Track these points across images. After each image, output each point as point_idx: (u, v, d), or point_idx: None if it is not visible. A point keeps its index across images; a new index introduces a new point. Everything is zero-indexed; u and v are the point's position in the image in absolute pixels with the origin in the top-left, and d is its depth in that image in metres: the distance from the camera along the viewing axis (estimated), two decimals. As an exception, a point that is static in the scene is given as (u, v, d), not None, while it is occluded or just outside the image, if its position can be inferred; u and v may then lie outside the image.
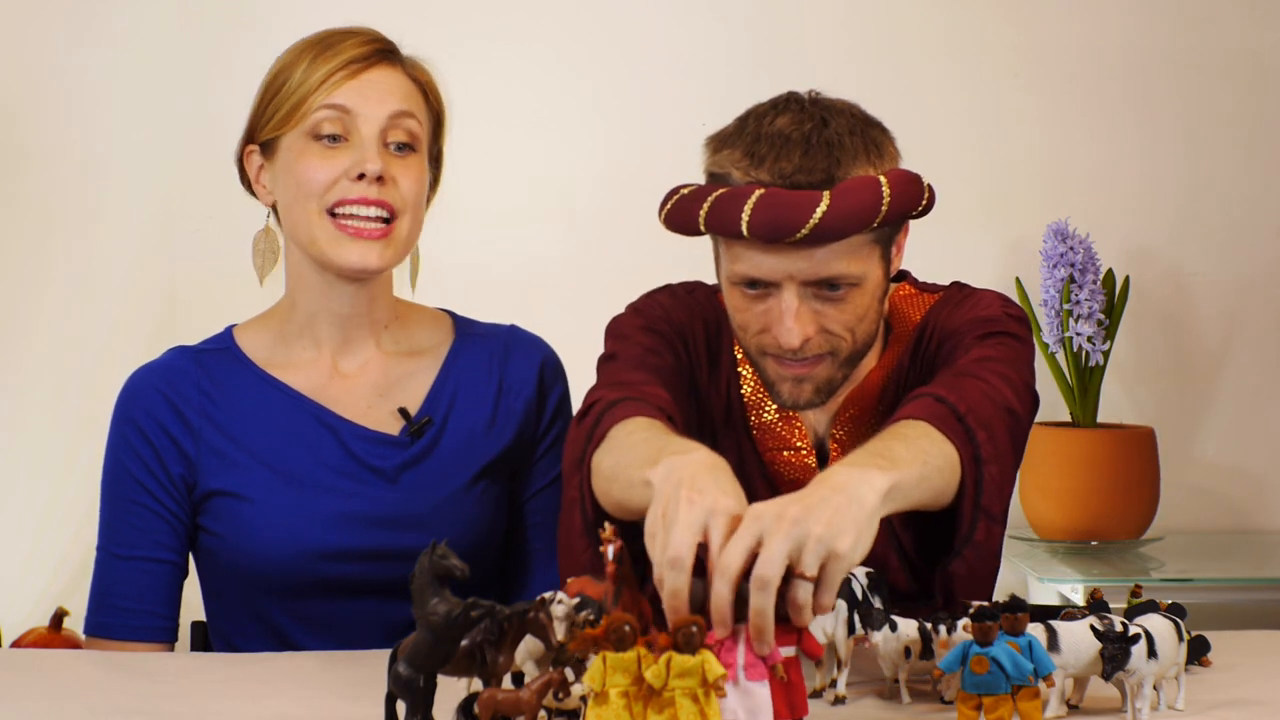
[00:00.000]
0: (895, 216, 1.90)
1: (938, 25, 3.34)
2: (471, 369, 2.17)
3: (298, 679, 1.80)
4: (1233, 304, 3.41)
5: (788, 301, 1.90)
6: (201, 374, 2.12)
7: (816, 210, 1.84)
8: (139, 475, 2.11)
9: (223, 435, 2.10)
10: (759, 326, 1.94)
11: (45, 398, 3.21)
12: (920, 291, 2.10)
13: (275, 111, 2.07)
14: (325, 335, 2.13)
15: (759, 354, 1.96)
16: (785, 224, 1.84)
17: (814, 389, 1.95)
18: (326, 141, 2.05)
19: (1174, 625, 1.61)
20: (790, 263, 1.87)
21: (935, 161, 3.32)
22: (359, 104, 2.05)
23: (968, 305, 2.03)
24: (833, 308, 1.91)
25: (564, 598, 1.54)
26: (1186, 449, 3.36)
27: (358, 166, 2.03)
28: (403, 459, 2.10)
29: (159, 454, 2.10)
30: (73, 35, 3.23)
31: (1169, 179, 3.40)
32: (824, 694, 1.66)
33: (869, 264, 1.91)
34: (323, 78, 2.05)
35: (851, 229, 1.86)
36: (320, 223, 2.05)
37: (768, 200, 1.85)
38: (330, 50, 2.07)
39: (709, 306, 2.08)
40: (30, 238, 3.22)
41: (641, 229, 3.30)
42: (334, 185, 2.04)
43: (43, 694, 1.74)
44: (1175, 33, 3.39)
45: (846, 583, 1.65)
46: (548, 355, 2.22)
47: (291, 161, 2.06)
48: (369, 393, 2.13)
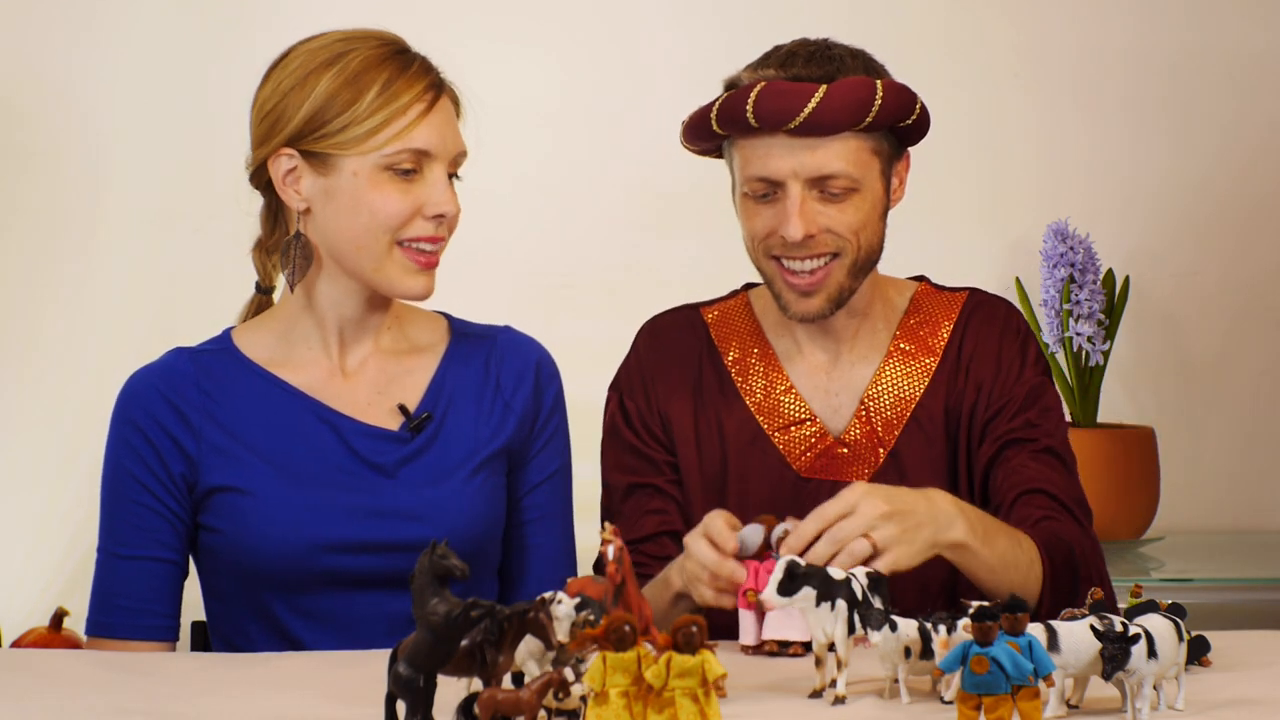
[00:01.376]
0: (887, 118, 2.12)
1: (938, 25, 3.34)
2: (468, 367, 2.18)
3: (298, 679, 1.80)
4: (1233, 304, 3.41)
5: (792, 197, 2.11)
6: (201, 373, 2.13)
7: (813, 98, 2.08)
8: (139, 475, 2.11)
9: (224, 432, 2.10)
10: (767, 230, 2.14)
11: (45, 398, 3.21)
12: (939, 290, 2.29)
13: (339, 130, 2.05)
14: (332, 337, 2.14)
15: (769, 260, 2.16)
16: (785, 111, 2.08)
17: (825, 298, 2.15)
18: (400, 175, 2.06)
19: (1174, 625, 1.61)
20: (794, 157, 2.10)
21: (935, 161, 3.32)
22: (436, 146, 2.06)
23: (1030, 365, 2.23)
24: (835, 208, 2.12)
25: (564, 598, 1.54)
26: (1186, 449, 3.36)
27: (434, 208, 2.06)
28: (402, 454, 2.11)
29: (159, 453, 2.10)
30: (75, 36, 3.23)
31: (1169, 179, 3.40)
32: (824, 694, 1.66)
33: (867, 171, 2.13)
34: (398, 113, 2.04)
35: (845, 120, 2.09)
36: (392, 253, 2.07)
37: (770, 89, 2.11)
38: (403, 79, 2.06)
39: (687, 331, 2.26)
40: (31, 238, 3.22)
41: (641, 229, 3.32)
42: (410, 222, 2.06)
43: (43, 694, 1.73)
44: (1176, 33, 3.39)
45: (846, 583, 1.65)
46: (542, 354, 2.23)
47: (361, 189, 2.06)
48: (368, 390, 2.14)
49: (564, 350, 2.28)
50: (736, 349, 2.26)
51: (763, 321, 2.28)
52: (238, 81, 3.24)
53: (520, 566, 2.21)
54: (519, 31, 3.28)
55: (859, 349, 2.24)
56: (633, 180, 3.32)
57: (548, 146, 3.27)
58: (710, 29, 2.20)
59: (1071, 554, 2.09)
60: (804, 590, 1.63)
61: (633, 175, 3.31)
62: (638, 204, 3.32)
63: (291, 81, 2.08)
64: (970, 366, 2.22)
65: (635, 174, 3.31)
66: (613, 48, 3.31)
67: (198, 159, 3.21)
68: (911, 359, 2.23)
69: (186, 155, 3.22)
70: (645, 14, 3.32)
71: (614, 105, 3.31)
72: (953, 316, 2.25)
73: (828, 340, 2.23)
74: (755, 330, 2.28)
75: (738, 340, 2.27)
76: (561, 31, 3.31)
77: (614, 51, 3.31)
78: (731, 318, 2.30)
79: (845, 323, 2.23)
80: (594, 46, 3.32)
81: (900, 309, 2.27)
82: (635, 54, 3.29)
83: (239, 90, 3.02)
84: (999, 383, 2.21)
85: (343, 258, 2.09)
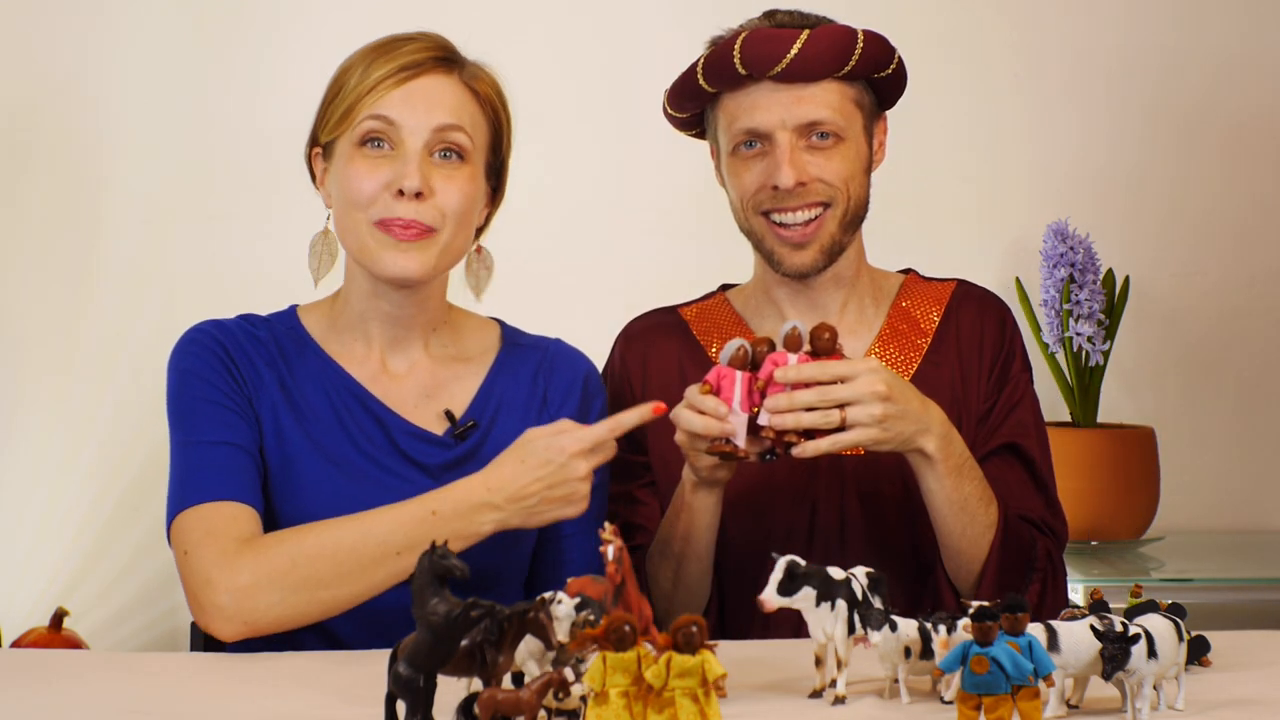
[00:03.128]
0: (868, 65, 2.20)
1: (938, 25, 3.34)
2: (516, 378, 2.18)
3: (298, 679, 1.80)
4: (1233, 304, 3.41)
5: (781, 146, 2.17)
6: (270, 337, 2.13)
7: (796, 42, 2.15)
8: (215, 380, 2.06)
9: (282, 397, 2.09)
10: (757, 184, 2.20)
11: (45, 398, 3.21)
12: (927, 280, 2.34)
13: (332, 115, 2.08)
14: (375, 333, 2.14)
15: (759, 217, 2.21)
16: (770, 56, 2.16)
17: (818, 249, 2.21)
18: (370, 148, 2.06)
19: (1174, 625, 1.61)
20: (781, 107, 2.17)
21: (935, 161, 3.35)
22: (404, 115, 2.05)
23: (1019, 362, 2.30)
24: (822, 157, 2.19)
25: (564, 598, 1.54)
26: (1186, 449, 3.36)
27: (397, 181, 2.04)
28: (446, 459, 2.11)
29: (234, 369, 2.07)
30: (77, 36, 3.23)
31: (1169, 179, 3.40)
32: (824, 694, 1.67)
33: (851, 122, 2.21)
34: (373, 84, 2.05)
35: (829, 65, 2.17)
36: (369, 230, 2.06)
37: (755, 35, 2.18)
38: (386, 56, 2.07)
39: (665, 331, 2.32)
40: (32, 237, 3.22)
41: (640, 229, 3.32)
42: (377, 199, 2.05)
43: (43, 694, 1.74)
44: (1175, 34, 3.39)
45: (846, 583, 1.65)
46: (590, 370, 2.23)
47: (342, 168, 2.07)
48: (416, 393, 2.14)
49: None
50: (719, 341, 2.27)
51: (744, 313, 2.30)
52: (238, 82, 3.27)
53: (550, 581, 2.18)
54: (518, 31, 3.28)
55: (847, 321, 2.27)
56: (629, 184, 3.32)
57: (546, 147, 3.27)
58: (712, 31, 2.20)
59: (1033, 546, 2.16)
60: (804, 590, 1.63)
61: (629, 179, 3.31)
62: (634, 207, 3.32)
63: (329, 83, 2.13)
64: (962, 354, 2.26)
65: (632, 178, 3.31)
66: (613, 51, 3.31)
67: (199, 158, 3.22)
68: (905, 338, 2.27)
69: (188, 155, 3.22)
70: (645, 15, 3.32)
71: (613, 105, 3.31)
72: (943, 302, 2.30)
73: (815, 314, 2.24)
74: (737, 321, 2.30)
75: (719, 333, 2.29)
76: (561, 32, 3.32)
77: (615, 55, 3.31)
78: (711, 313, 2.32)
79: (833, 294, 2.26)
80: (595, 49, 3.32)
81: (891, 293, 2.32)
82: (637, 57, 3.29)
83: (240, 90, 3.02)
84: (992, 379, 2.26)
85: (346, 246, 2.10)
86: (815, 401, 1.94)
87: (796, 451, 1.96)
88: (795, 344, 1.97)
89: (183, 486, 2.02)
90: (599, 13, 3.33)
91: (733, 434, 1.96)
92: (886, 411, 1.97)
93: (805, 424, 1.95)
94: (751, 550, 2.17)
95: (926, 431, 2.04)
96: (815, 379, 1.95)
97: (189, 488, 2.01)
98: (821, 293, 2.26)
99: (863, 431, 1.97)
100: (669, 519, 2.13)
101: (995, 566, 2.11)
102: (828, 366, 1.95)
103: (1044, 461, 2.25)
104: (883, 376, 1.98)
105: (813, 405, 1.94)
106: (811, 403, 1.94)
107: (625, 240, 3.31)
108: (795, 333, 1.96)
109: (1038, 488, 2.23)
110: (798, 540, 2.20)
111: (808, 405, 1.94)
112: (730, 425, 1.95)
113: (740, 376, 1.96)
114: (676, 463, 2.10)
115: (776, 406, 1.94)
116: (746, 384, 1.96)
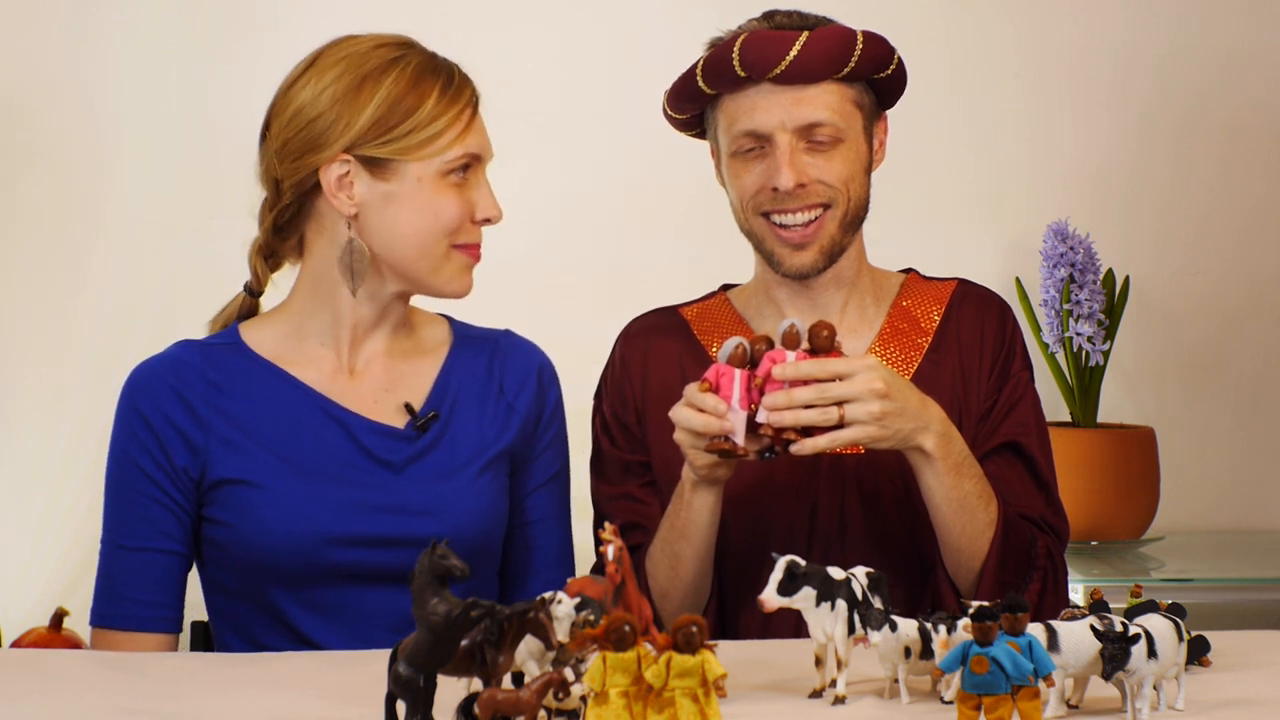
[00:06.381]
0: (867, 66, 2.19)
1: (938, 25, 3.34)
2: (472, 368, 2.20)
3: (297, 679, 1.80)
4: (1233, 304, 3.41)
5: (781, 148, 2.17)
6: (208, 365, 2.13)
7: (795, 44, 2.15)
8: (145, 466, 2.11)
9: (231, 425, 2.11)
10: (757, 186, 2.19)
11: (45, 398, 3.21)
12: (928, 280, 2.33)
13: (404, 135, 2.08)
14: (345, 335, 2.15)
15: (759, 218, 2.21)
16: (769, 58, 2.15)
17: (818, 250, 2.21)
18: (456, 179, 2.11)
19: (1174, 625, 1.61)
20: (780, 108, 2.16)
21: (934, 161, 3.35)
22: (485, 150, 2.14)
23: (1020, 359, 2.30)
24: (822, 158, 2.18)
25: (564, 598, 1.54)
26: (1186, 449, 3.36)
27: (483, 211, 2.13)
28: (409, 452, 2.13)
29: (164, 445, 2.11)
30: (77, 36, 3.23)
31: (1169, 179, 3.40)
32: (824, 694, 1.66)
33: (851, 123, 2.20)
34: (456, 118, 2.10)
35: (828, 67, 2.16)
36: (450, 255, 2.12)
37: (754, 37, 2.18)
38: (454, 87, 2.11)
39: (665, 331, 2.30)
40: (32, 238, 3.22)
41: (636, 232, 3.32)
42: (462, 226, 2.11)
43: (43, 694, 1.74)
44: (1174, 33, 3.39)
45: (846, 583, 1.65)
46: (543, 359, 2.26)
47: (425, 194, 2.09)
48: (375, 388, 2.16)
49: (559, 351, 2.29)
50: (720, 341, 2.27)
51: (745, 313, 2.31)
52: (238, 83, 3.26)
53: (522, 568, 2.22)
54: (517, 32, 3.28)
55: (848, 321, 2.27)
56: (628, 182, 3.32)
57: (544, 148, 3.27)
58: (710, 31, 2.20)
59: (1033, 544, 2.16)
60: (804, 590, 1.63)
61: (629, 178, 3.31)
62: (632, 206, 3.32)
63: (342, 87, 2.08)
64: (962, 352, 2.25)
65: (631, 176, 3.31)
66: (610, 50, 3.31)
67: (199, 159, 3.21)
68: (905, 337, 2.27)
69: (187, 155, 3.22)
70: (644, 16, 3.32)
71: (612, 105, 3.30)
72: (943, 301, 2.30)
73: (816, 314, 2.24)
74: (738, 321, 2.30)
75: (720, 333, 2.29)
76: (558, 33, 3.31)
77: (611, 54, 3.31)
78: (712, 313, 2.32)
79: (834, 294, 2.27)
80: (591, 49, 3.32)
81: (891, 292, 2.32)
82: (632, 57, 3.29)
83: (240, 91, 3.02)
84: (993, 378, 2.26)
85: (398, 260, 2.11)
86: (813, 399, 1.95)
87: (795, 449, 1.96)
88: (793, 341, 1.97)
89: (107, 596, 2.13)
90: (598, 13, 3.33)
91: (732, 431, 1.96)
92: (885, 409, 1.98)
93: (804, 421, 1.95)
94: (751, 550, 2.17)
95: (925, 429, 2.04)
96: (813, 376, 1.96)
97: (112, 601, 2.12)
98: (822, 293, 2.26)
99: (861, 429, 1.98)
100: (668, 518, 2.13)
101: (995, 564, 2.11)
102: (826, 364, 1.96)
103: (1045, 460, 2.25)
104: (881, 374, 1.98)
105: (811, 403, 1.95)
106: (810, 400, 1.95)
107: (625, 240, 3.31)
108: (793, 330, 1.97)
109: (1038, 486, 2.23)
110: (798, 540, 2.20)
111: (806, 403, 1.95)
112: (729, 423, 1.96)
113: (739, 374, 1.96)
114: (676, 462, 2.10)
115: (775, 404, 1.94)
116: (745, 381, 1.96)
